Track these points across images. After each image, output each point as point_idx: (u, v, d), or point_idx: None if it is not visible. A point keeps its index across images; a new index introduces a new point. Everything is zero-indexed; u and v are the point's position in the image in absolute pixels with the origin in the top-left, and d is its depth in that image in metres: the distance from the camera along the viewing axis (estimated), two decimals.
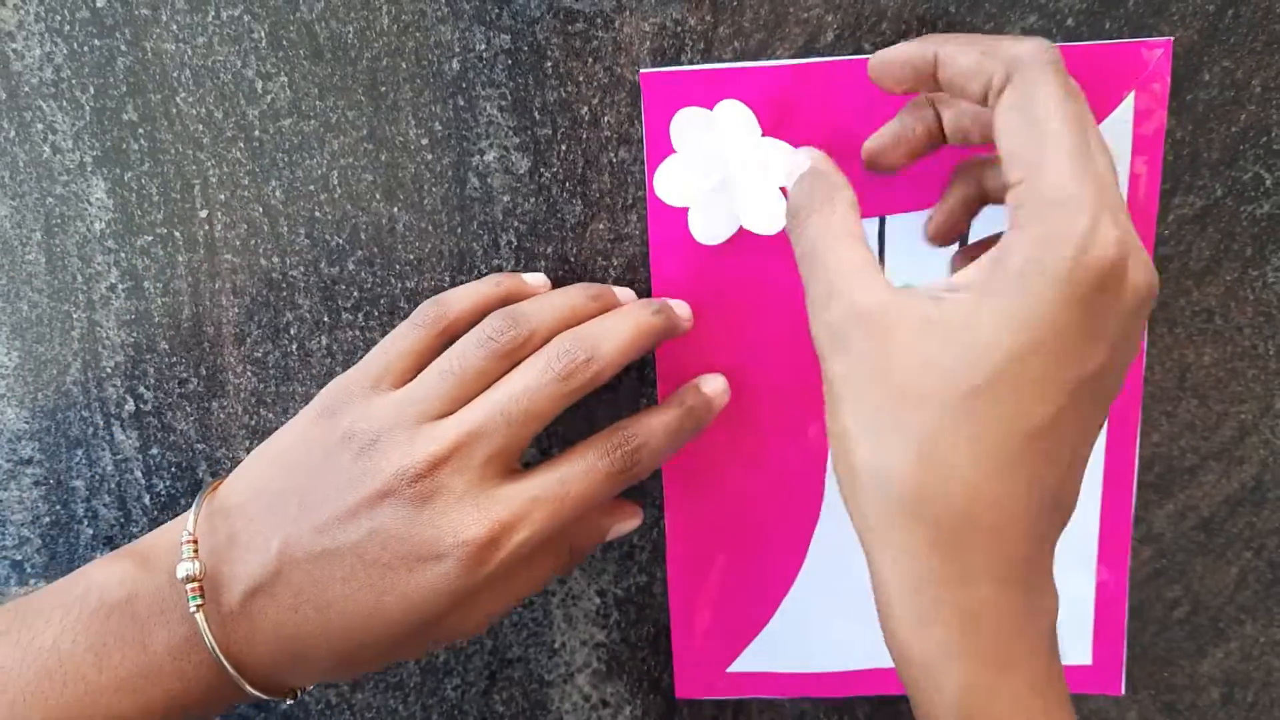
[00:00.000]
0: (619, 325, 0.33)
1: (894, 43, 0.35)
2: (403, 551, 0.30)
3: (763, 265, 0.37)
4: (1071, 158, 0.25)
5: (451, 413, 0.31)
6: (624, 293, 0.36)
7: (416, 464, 0.30)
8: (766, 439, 0.39)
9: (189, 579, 0.30)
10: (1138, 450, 0.39)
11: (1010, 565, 0.26)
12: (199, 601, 0.30)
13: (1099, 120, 0.35)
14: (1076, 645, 0.41)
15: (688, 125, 0.36)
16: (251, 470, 0.33)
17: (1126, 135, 0.36)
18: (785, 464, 0.40)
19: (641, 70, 0.36)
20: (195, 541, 0.31)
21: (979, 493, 0.25)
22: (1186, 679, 0.42)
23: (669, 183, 0.36)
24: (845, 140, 0.36)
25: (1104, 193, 0.25)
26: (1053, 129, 0.25)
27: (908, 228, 0.37)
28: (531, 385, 0.31)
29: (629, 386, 0.39)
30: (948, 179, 0.35)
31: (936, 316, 0.26)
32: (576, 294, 0.34)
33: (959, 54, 0.28)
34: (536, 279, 0.36)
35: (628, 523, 0.36)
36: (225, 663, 0.30)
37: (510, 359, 0.32)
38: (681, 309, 0.36)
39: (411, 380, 0.32)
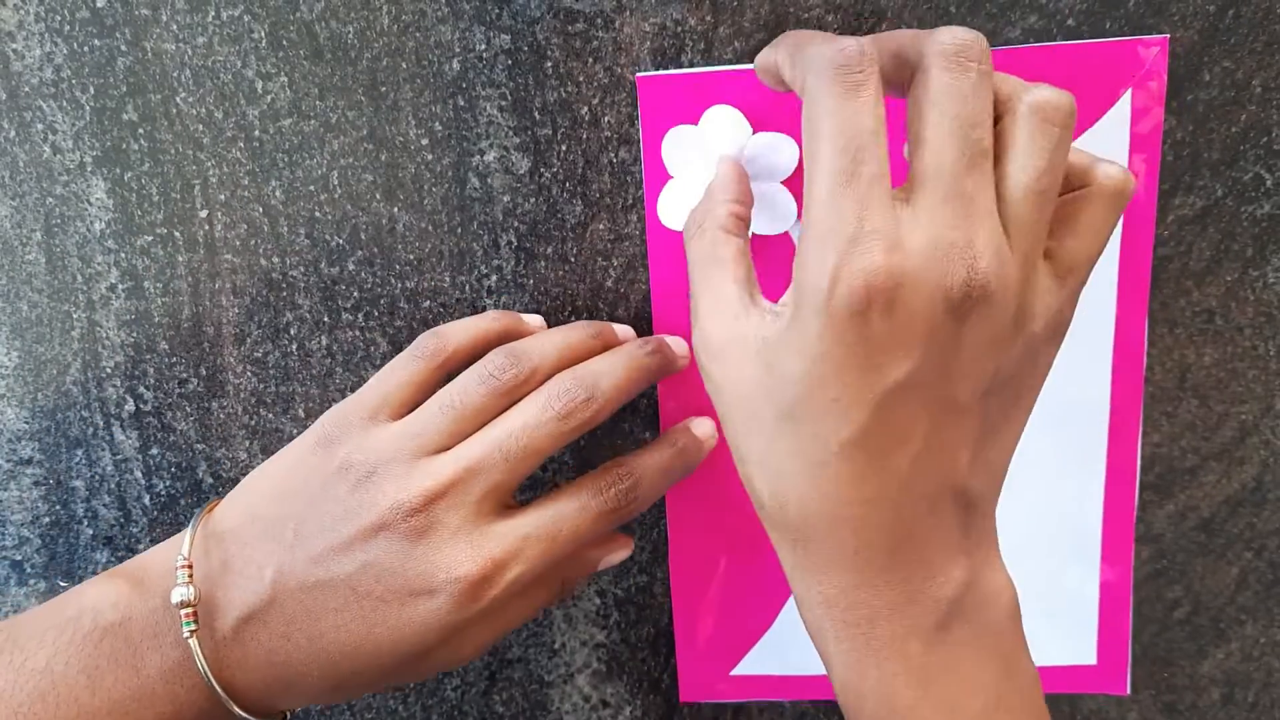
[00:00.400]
0: (616, 365, 0.33)
1: None
2: (396, 585, 0.30)
3: (767, 275, 0.37)
4: (828, 183, 0.25)
5: (449, 447, 0.31)
6: (623, 330, 0.36)
7: (412, 498, 0.30)
8: None
9: (183, 604, 0.30)
10: (1139, 450, 0.39)
11: (862, 558, 0.27)
12: (193, 627, 0.30)
13: (1094, 119, 0.35)
14: (1081, 645, 0.41)
15: (678, 145, 0.36)
16: (247, 495, 0.33)
17: (1123, 133, 0.36)
18: None
19: (638, 74, 0.35)
20: (190, 566, 0.31)
21: (808, 501, 0.27)
22: (1187, 679, 0.42)
23: (671, 209, 0.36)
24: None
25: (864, 218, 0.25)
26: (814, 150, 0.25)
27: None
28: (530, 423, 0.31)
29: None
30: None
31: (764, 341, 0.27)
32: (576, 332, 0.35)
33: (783, 65, 0.29)
34: (534, 320, 0.36)
35: (618, 554, 0.36)
36: (217, 687, 0.30)
37: (510, 396, 0.32)
38: (678, 346, 0.36)
39: (409, 412, 0.33)
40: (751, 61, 0.35)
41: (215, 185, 0.37)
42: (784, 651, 0.41)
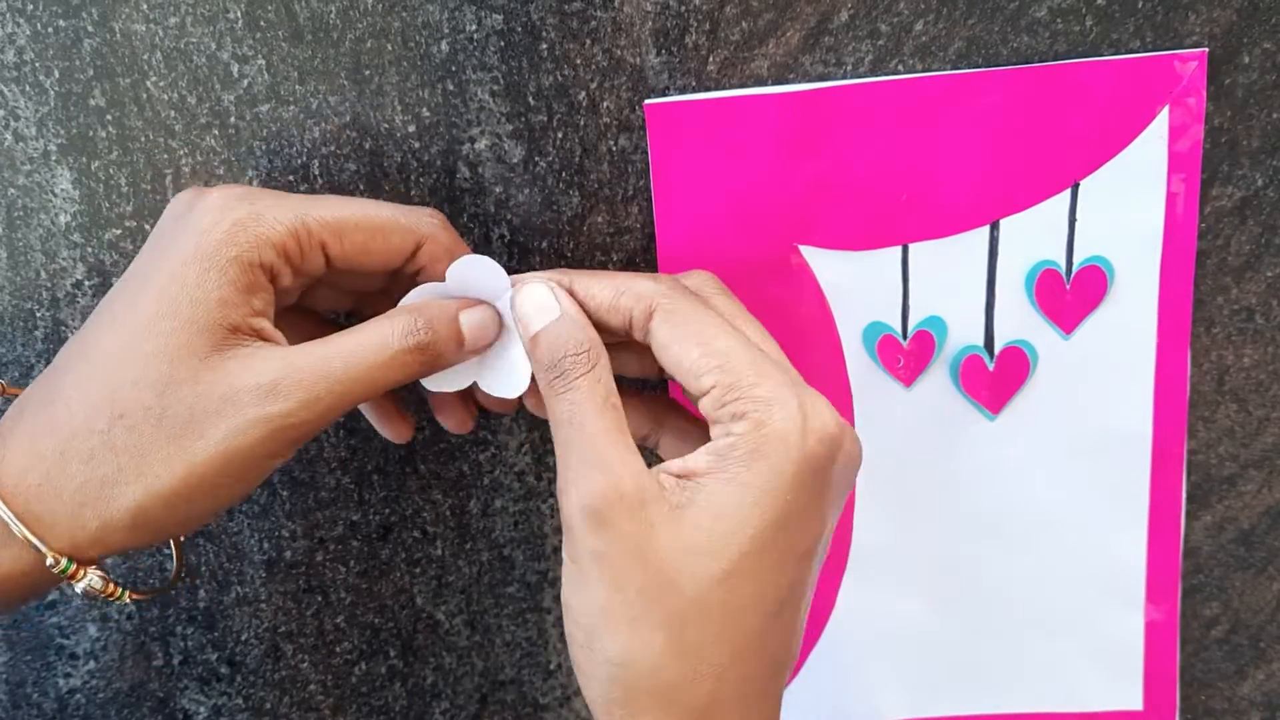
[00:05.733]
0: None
1: (912, 27, 0.34)
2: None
3: (781, 296, 0.36)
4: (756, 360, 0.28)
5: None
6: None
7: None
8: None
9: None
10: (1185, 481, 0.37)
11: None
12: None
13: (1130, 138, 0.34)
14: (1126, 689, 0.39)
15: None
16: None
17: (1161, 153, 0.34)
18: None
19: (645, 102, 0.34)
20: None
21: (726, 675, 0.27)
22: (1225, 702, 0.40)
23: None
24: (869, 166, 0.35)
25: (797, 381, 0.28)
26: (725, 344, 0.28)
27: (931, 255, 0.36)
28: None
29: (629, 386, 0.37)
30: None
31: (685, 502, 0.27)
32: None
33: (595, 289, 0.30)
34: None
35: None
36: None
37: None
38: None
39: None
40: (759, 44, 0.34)
41: (188, 175, 0.35)
42: (809, 703, 0.40)
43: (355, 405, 0.29)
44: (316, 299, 0.33)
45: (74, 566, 0.27)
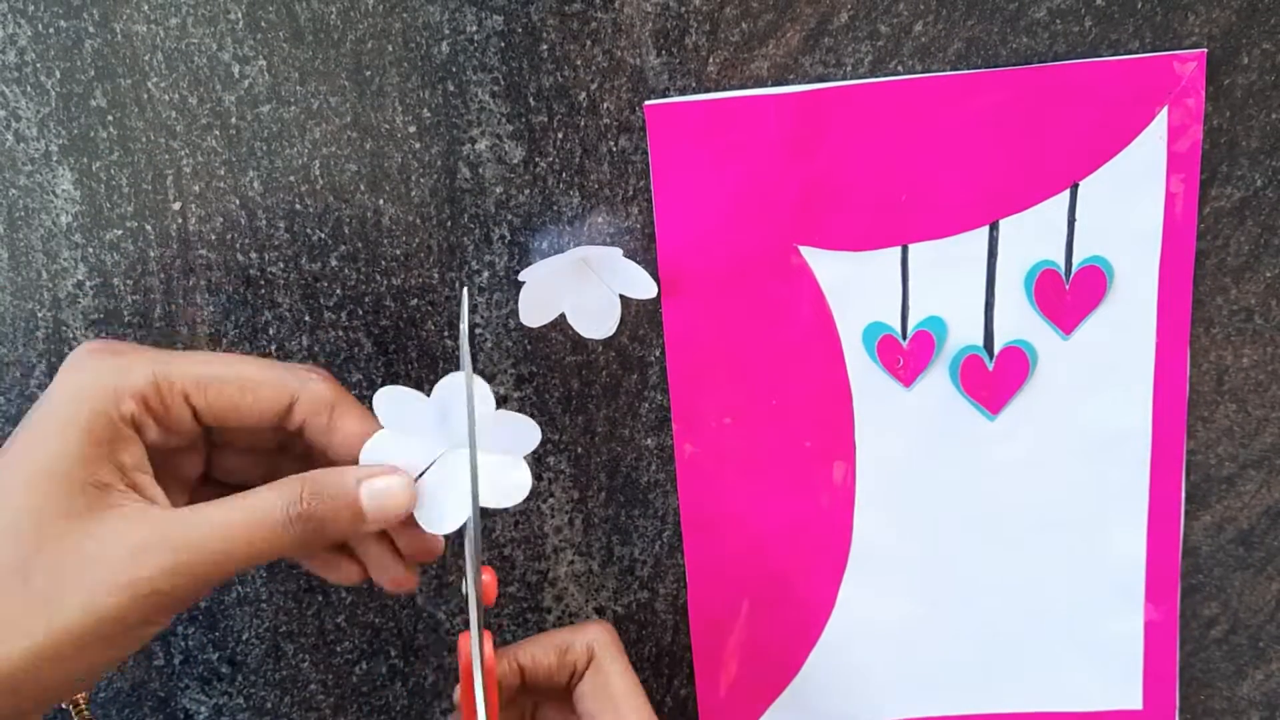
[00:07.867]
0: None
1: (911, 28, 0.34)
2: None
3: (781, 296, 0.36)
4: None
5: None
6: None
7: None
8: (788, 480, 0.38)
9: None
10: (1184, 479, 0.37)
11: None
12: None
13: (1130, 138, 0.34)
14: (1126, 689, 0.39)
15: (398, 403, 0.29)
16: None
17: (1160, 153, 0.34)
18: (809, 506, 0.38)
19: (646, 103, 0.34)
20: None
21: None
22: (1225, 702, 0.40)
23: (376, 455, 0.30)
24: (869, 166, 0.35)
25: None
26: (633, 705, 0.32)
27: (931, 255, 0.36)
28: None
29: (630, 389, 0.37)
30: None
31: None
32: None
33: (540, 656, 0.32)
34: None
35: None
36: None
37: None
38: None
39: None
40: (759, 45, 0.34)
41: (189, 176, 0.35)
42: (811, 700, 0.40)
43: (235, 574, 0.27)
44: (225, 469, 0.31)
45: None
